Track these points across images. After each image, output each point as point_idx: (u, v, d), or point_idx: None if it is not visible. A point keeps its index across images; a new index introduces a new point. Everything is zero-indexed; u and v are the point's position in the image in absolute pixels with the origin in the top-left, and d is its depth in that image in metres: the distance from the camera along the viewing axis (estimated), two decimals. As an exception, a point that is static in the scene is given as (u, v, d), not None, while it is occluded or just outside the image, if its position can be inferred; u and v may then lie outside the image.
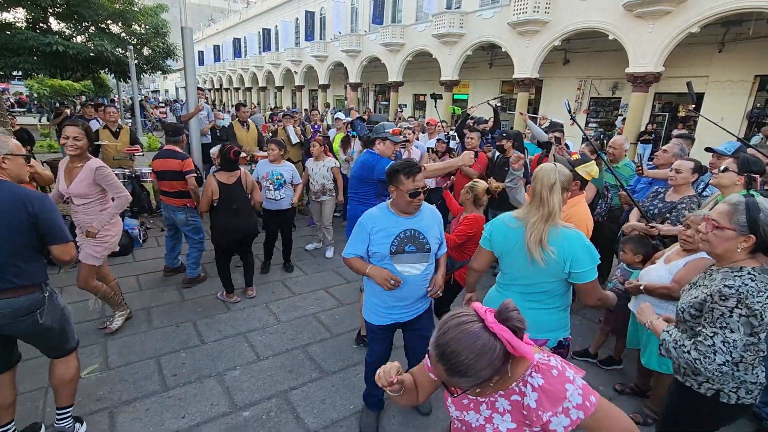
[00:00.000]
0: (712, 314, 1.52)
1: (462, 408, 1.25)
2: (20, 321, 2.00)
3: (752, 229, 1.49)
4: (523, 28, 14.09)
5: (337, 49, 24.05)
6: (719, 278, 1.57)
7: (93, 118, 7.23)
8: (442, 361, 1.02)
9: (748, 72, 11.68)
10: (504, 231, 2.03)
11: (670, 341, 1.64)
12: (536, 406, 1.09)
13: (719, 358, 1.49)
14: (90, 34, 16.03)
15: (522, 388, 1.12)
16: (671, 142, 4.05)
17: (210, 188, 3.74)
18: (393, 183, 2.14)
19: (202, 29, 48.46)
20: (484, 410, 1.21)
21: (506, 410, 1.16)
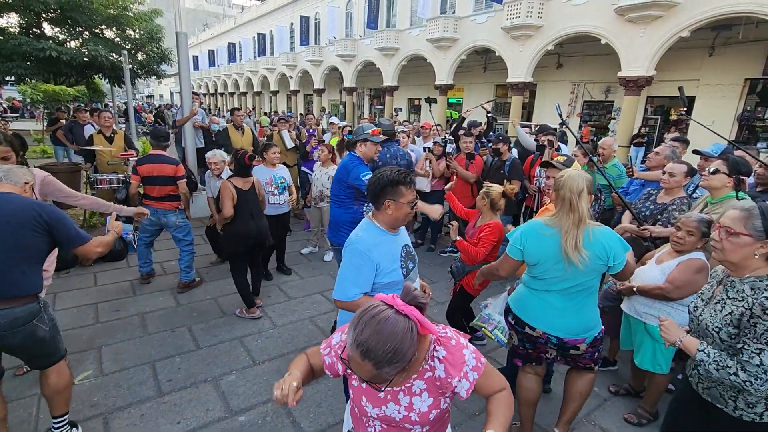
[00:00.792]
0: (755, 330, 1.42)
1: (380, 403, 1.26)
2: (18, 332, 1.98)
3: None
4: (516, 32, 14.22)
5: (332, 53, 24.13)
6: (748, 289, 1.48)
7: (87, 122, 7.20)
8: (369, 357, 1.03)
9: (738, 75, 11.84)
10: (538, 240, 2.04)
11: (710, 362, 1.51)
12: (445, 375, 1.21)
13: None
14: (84, 39, 15.97)
15: (432, 364, 1.23)
16: (663, 144, 4.11)
17: (231, 193, 3.62)
18: (391, 197, 1.84)
19: (197, 34, 48.48)
20: (403, 398, 1.25)
21: (422, 390, 1.24)
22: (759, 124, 11.90)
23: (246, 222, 3.72)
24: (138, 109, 27.56)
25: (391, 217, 1.88)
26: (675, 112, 13.73)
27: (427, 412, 1.24)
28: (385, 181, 1.84)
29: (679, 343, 1.62)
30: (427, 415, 1.25)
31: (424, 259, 5.48)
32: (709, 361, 1.51)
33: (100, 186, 5.42)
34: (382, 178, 1.86)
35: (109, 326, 3.59)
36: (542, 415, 2.72)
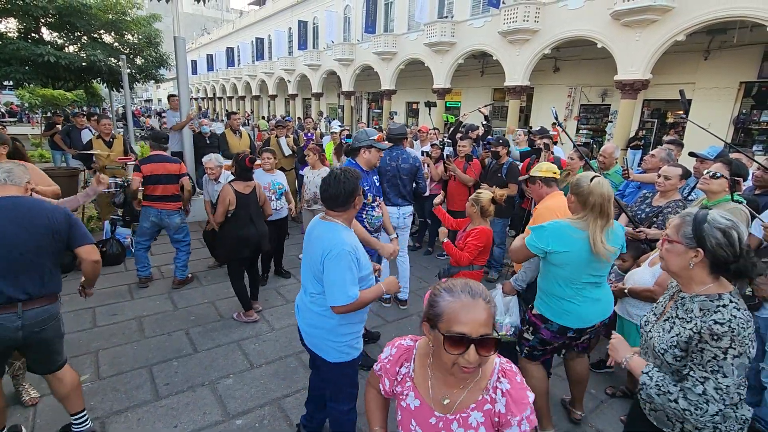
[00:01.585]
0: (702, 356, 1.32)
1: (431, 429, 1.16)
2: (50, 327, 2.10)
3: (699, 241, 1.35)
4: (513, 36, 14.31)
5: (330, 57, 24.22)
6: (697, 310, 1.38)
7: (85, 127, 7.20)
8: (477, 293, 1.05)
9: (734, 79, 11.92)
10: (569, 240, 2.10)
11: (651, 386, 1.42)
12: (506, 411, 1.10)
13: (712, 408, 1.29)
14: (82, 43, 15.99)
15: (493, 396, 1.12)
16: (659, 147, 4.13)
17: (228, 198, 3.60)
18: (357, 193, 2.00)
19: (196, 39, 48.59)
20: (457, 429, 1.13)
21: (480, 423, 1.12)
22: (755, 127, 11.97)
23: (246, 226, 3.71)
24: (136, 114, 27.59)
25: (355, 210, 2.08)
26: (672, 115, 13.81)
27: None
28: (354, 184, 1.98)
29: (626, 364, 1.53)
30: None
31: (421, 262, 5.49)
32: (651, 385, 1.42)
33: (98, 190, 5.41)
34: (348, 181, 1.97)
35: (106, 330, 3.59)
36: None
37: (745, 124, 12.08)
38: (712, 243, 1.33)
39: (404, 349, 1.27)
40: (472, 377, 1.13)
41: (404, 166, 4.04)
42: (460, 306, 1.03)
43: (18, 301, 1.97)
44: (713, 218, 1.36)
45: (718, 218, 1.36)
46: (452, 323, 1.02)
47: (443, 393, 1.15)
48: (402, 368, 1.25)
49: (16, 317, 1.97)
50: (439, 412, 1.15)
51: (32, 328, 2.02)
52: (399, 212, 4.08)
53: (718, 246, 1.32)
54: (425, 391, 1.18)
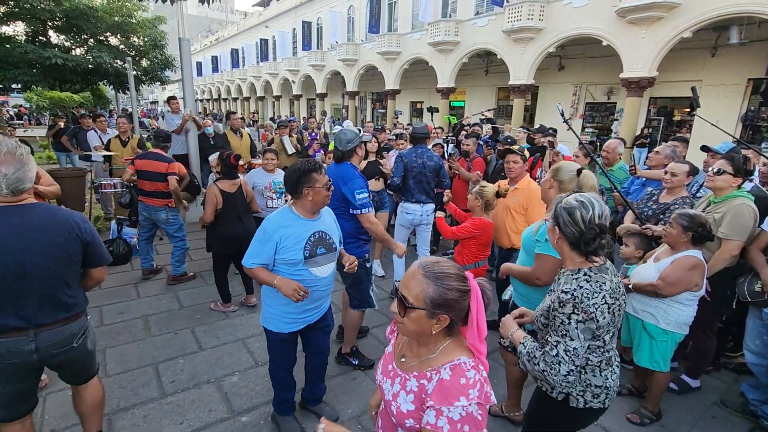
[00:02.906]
0: (555, 322, 1.50)
1: (385, 374, 1.30)
2: (71, 348, 1.94)
3: (556, 221, 1.55)
4: (517, 35, 14.25)
5: (334, 58, 24.25)
6: (563, 282, 1.56)
7: (91, 128, 7.26)
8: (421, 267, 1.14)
9: (741, 76, 11.80)
10: None
11: (524, 354, 1.59)
12: (431, 393, 1.12)
13: (563, 368, 1.46)
14: (89, 46, 16.14)
15: (432, 375, 1.15)
16: (664, 144, 4.10)
17: (214, 198, 3.68)
18: (308, 184, 2.12)
19: (200, 40, 48.87)
20: (396, 385, 1.23)
21: (412, 391, 1.18)
22: (763, 124, 11.84)
23: (233, 224, 3.79)
24: (142, 115, 27.80)
25: (311, 202, 2.16)
26: (678, 113, 13.70)
27: (405, 414, 1.17)
28: (300, 173, 2.11)
29: (509, 337, 1.69)
30: (404, 417, 1.18)
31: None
32: (524, 353, 1.59)
33: (104, 190, 5.47)
34: (295, 171, 2.13)
35: (113, 329, 3.62)
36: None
37: (753, 122, 11.95)
38: (561, 222, 1.53)
39: None
40: (427, 353, 1.19)
41: (429, 163, 4.15)
42: (410, 269, 1.18)
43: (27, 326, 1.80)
44: (567, 200, 1.54)
45: (570, 200, 1.53)
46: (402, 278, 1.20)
47: (404, 352, 1.29)
48: None
49: (29, 340, 1.80)
50: (395, 364, 1.29)
51: (49, 350, 1.85)
52: (422, 209, 4.17)
53: (564, 224, 1.52)
54: (397, 344, 1.34)
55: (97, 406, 2.19)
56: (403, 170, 4.12)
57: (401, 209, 4.23)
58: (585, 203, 1.50)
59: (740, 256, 2.68)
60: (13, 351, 1.77)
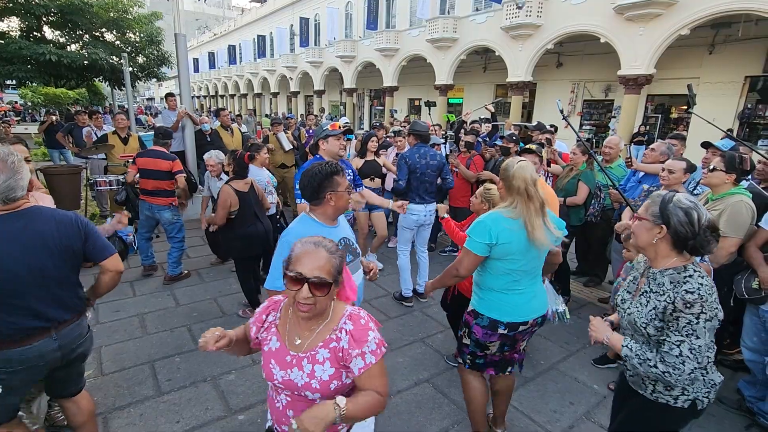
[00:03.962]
0: (678, 323, 1.47)
1: (286, 367, 1.33)
2: (84, 341, 1.97)
3: (663, 219, 1.51)
4: (515, 32, 14.22)
5: (332, 54, 24.17)
6: (668, 283, 1.51)
7: (86, 125, 7.21)
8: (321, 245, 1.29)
9: (739, 73, 11.82)
10: (508, 233, 1.99)
11: (633, 356, 1.55)
12: (348, 346, 1.29)
13: (688, 366, 1.44)
14: (84, 42, 16.04)
15: (338, 335, 1.31)
16: (660, 141, 4.09)
17: (229, 199, 3.54)
18: (331, 189, 1.91)
19: (197, 36, 48.61)
20: (307, 365, 1.31)
21: (326, 359, 1.31)
22: (760, 122, 11.87)
23: (254, 223, 3.69)
24: (139, 112, 27.65)
25: (334, 207, 1.96)
26: (676, 111, 13.71)
27: (328, 381, 1.30)
28: (321, 178, 1.90)
29: (606, 341, 1.65)
30: (328, 384, 1.30)
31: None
32: (632, 356, 1.55)
33: (100, 188, 5.43)
34: (315, 175, 1.91)
35: (109, 327, 3.60)
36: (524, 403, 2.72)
37: (750, 119, 11.98)
38: (675, 221, 1.49)
39: (274, 302, 1.46)
40: (322, 320, 1.33)
41: (432, 162, 4.09)
42: (304, 252, 1.26)
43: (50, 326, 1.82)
44: (678, 199, 1.51)
45: (682, 200, 1.50)
46: (294, 264, 1.24)
47: (297, 334, 1.35)
48: (269, 317, 1.43)
49: (52, 340, 1.82)
50: (293, 351, 1.33)
51: (70, 345, 1.88)
52: (426, 209, 4.09)
53: (679, 223, 1.48)
54: (284, 334, 1.37)
55: (93, 414, 2.18)
56: (407, 173, 4.03)
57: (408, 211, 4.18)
58: (696, 204, 1.49)
59: (738, 253, 2.68)
60: (43, 353, 1.79)
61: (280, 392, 1.37)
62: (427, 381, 3.02)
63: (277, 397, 1.40)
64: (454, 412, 2.70)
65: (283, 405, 1.38)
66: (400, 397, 2.84)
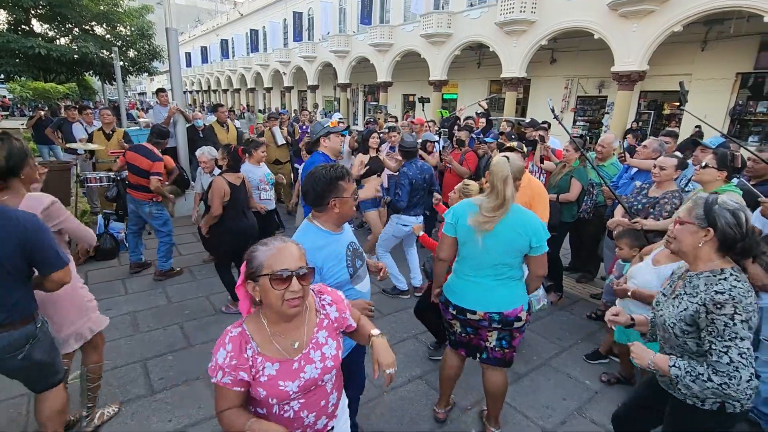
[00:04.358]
0: (716, 327, 1.40)
1: (298, 373, 1.30)
2: (12, 357, 1.80)
3: (710, 221, 1.46)
4: (510, 27, 14.21)
5: (326, 49, 24.02)
6: (702, 285, 1.48)
7: (77, 120, 7.10)
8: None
9: (730, 70, 11.91)
10: (466, 216, 2.12)
11: (683, 375, 1.46)
12: (338, 313, 1.41)
13: (744, 374, 1.34)
14: (74, 36, 15.80)
15: (324, 312, 1.40)
16: (652, 138, 4.12)
17: (223, 190, 3.54)
18: (334, 194, 1.79)
19: (189, 30, 48.05)
20: (315, 354, 1.34)
21: (326, 337, 1.38)
22: (750, 118, 11.99)
23: (241, 218, 3.71)
24: (131, 107, 27.31)
25: (338, 214, 1.83)
26: (668, 107, 13.81)
27: (337, 354, 1.39)
28: (325, 182, 1.78)
29: (652, 365, 1.58)
30: (338, 356, 1.39)
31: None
32: (683, 375, 1.47)
33: (90, 185, 5.37)
34: (319, 179, 1.79)
35: (100, 325, 3.56)
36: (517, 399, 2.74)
37: (741, 115, 12.10)
38: (722, 223, 1.44)
39: (237, 337, 1.28)
40: (304, 313, 1.35)
41: (426, 176, 4.20)
42: (276, 251, 1.25)
43: None
44: (723, 201, 1.47)
45: (728, 201, 1.47)
46: (274, 265, 1.22)
47: (291, 341, 1.32)
48: (247, 351, 1.27)
49: None
50: (295, 356, 1.31)
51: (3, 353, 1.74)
52: (417, 221, 4.15)
53: (727, 225, 1.43)
54: (275, 352, 1.29)
55: (56, 416, 2.03)
56: (411, 189, 4.04)
57: (396, 221, 4.17)
58: (742, 205, 1.47)
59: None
60: None
61: (291, 401, 1.31)
62: (420, 377, 3.02)
63: (283, 408, 1.31)
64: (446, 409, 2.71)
65: (294, 411, 1.32)
66: (394, 393, 2.85)
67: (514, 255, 2.10)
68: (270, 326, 1.31)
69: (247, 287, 1.28)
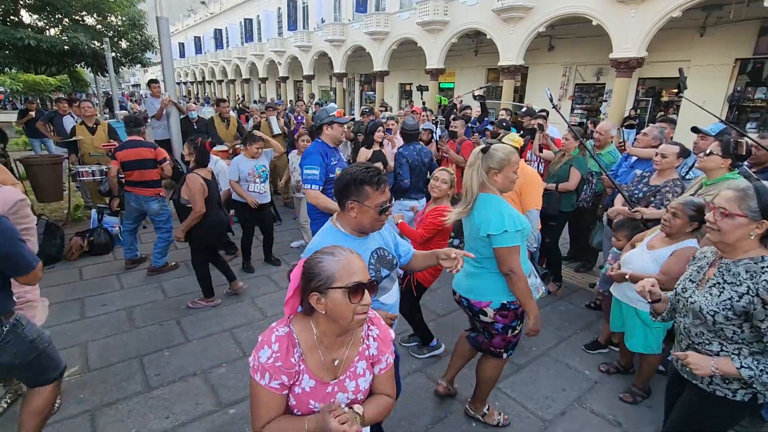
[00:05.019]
0: None
1: (329, 397, 1.27)
2: None
3: (765, 214, 1.43)
4: (507, 14, 14.00)
5: (321, 38, 23.67)
6: (743, 272, 1.47)
7: (67, 113, 6.98)
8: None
9: (729, 55, 11.79)
10: None
11: (759, 374, 1.44)
12: (377, 353, 1.34)
13: None
14: (64, 26, 15.47)
15: (368, 342, 1.34)
16: (651, 125, 4.07)
17: (202, 187, 3.48)
18: (354, 197, 1.62)
19: (182, 20, 47.26)
20: (350, 383, 1.30)
21: (364, 369, 1.33)
22: (749, 105, 11.91)
23: (218, 212, 3.70)
24: (127, 98, 26.98)
25: (355, 220, 1.65)
26: (667, 94, 13.70)
27: (368, 388, 1.35)
28: (348, 179, 1.63)
29: (716, 371, 1.51)
30: (368, 391, 1.36)
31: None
32: (757, 374, 1.44)
33: (83, 178, 5.29)
34: (345, 174, 1.65)
35: (96, 321, 3.53)
36: (533, 399, 2.73)
37: (740, 102, 12.02)
38: None
39: (285, 338, 1.23)
40: (349, 333, 1.29)
41: (426, 160, 4.26)
42: (347, 262, 1.20)
43: None
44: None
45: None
46: (348, 277, 1.17)
47: (333, 357, 1.28)
48: (294, 356, 1.23)
49: None
50: (332, 380, 1.27)
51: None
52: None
53: None
54: (317, 366, 1.25)
55: (34, 416, 1.98)
56: (409, 170, 4.15)
57: (398, 206, 4.19)
58: None
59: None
60: None
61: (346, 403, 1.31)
62: (419, 370, 3.01)
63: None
64: (447, 401, 2.70)
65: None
66: (393, 386, 2.83)
67: (479, 243, 2.08)
68: (320, 335, 1.25)
69: (311, 300, 1.20)
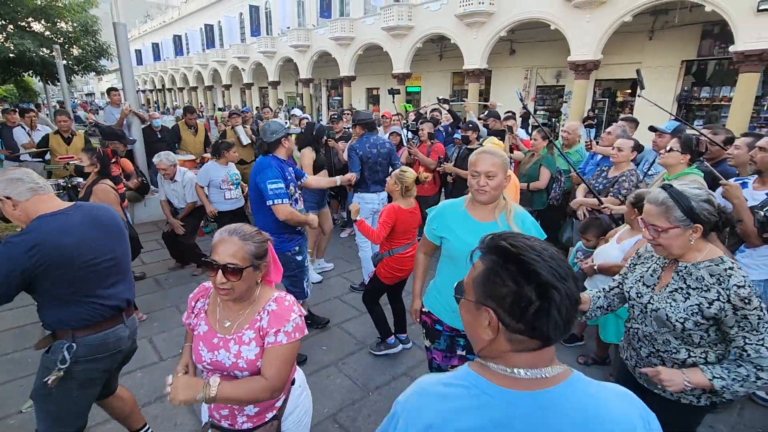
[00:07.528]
0: (749, 322, 1.39)
1: (213, 348, 1.40)
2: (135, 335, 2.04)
3: (694, 219, 1.44)
4: (469, 19, 14.36)
5: (286, 44, 23.44)
6: (707, 276, 1.45)
7: (17, 124, 6.56)
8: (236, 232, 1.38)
9: (676, 57, 12.56)
10: None
11: (731, 384, 1.42)
12: (267, 325, 1.38)
13: None
14: (8, 33, 14.58)
15: (261, 315, 1.41)
16: (614, 124, 4.27)
17: (117, 198, 3.36)
18: None
19: (138, 26, 45.65)
20: (233, 346, 1.38)
21: (251, 339, 1.39)
22: (695, 103, 12.72)
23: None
24: (83, 108, 25.66)
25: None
26: (621, 94, 14.43)
27: (254, 360, 1.37)
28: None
29: (688, 385, 1.48)
30: (255, 363, 1.38)
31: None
32: (729, 383, 1.42)
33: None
34: None
35: (59, 345, 3.31)
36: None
37: (687, 101, 12.81)
38: (705, 215, 1.44)
39: (203, 289, 1.55)
40: (248, 303, 1.42)
41: (383, 151, 4.16)
42: (218, 240, 1.36)
43: (122, 311, 1.91)
44: (693, 194, 1.45)
45: (695, 191, 1.46)
46: (211, 252, 1.35)
47: (226, 317, 1.43)
48: (198, 303, 1.52)
49: (125, 327, 1.92)
50: (221, 334, 1.41)
51: (134, 335, 2.00)
52: (379, 198, 4.18)
53: (710, 215, 1.44)
54: (213, 319, 1.45)
55: (134, 401, 2.28)
56: (360, 164, 4.07)
57: (359, 200, 4.17)
58: (704, 186, 1.52)
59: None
60: (121, 338, 1.89)
61: (204, 371, 1.43)
62: (404, 374, 3.00)
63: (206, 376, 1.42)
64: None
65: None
66: (379, 393, 2.81)
67: None
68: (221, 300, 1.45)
69: None
